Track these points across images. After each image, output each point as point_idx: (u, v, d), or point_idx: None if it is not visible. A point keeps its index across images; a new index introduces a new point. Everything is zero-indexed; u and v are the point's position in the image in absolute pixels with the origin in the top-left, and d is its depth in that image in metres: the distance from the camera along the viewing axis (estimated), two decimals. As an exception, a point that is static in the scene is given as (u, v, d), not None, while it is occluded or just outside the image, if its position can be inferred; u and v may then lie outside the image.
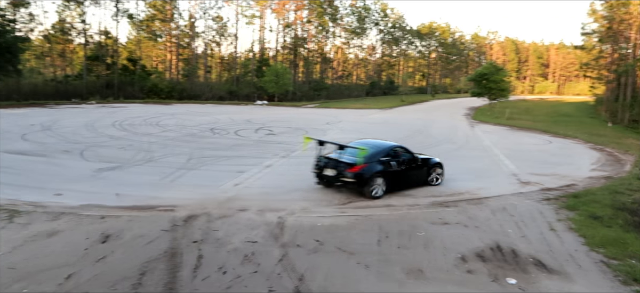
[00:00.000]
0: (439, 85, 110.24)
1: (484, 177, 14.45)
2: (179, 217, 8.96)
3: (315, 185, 12.03)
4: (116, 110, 34.96)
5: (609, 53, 55.51)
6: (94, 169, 13.48)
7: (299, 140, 21.23)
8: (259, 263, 6.91)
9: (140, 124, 26.26)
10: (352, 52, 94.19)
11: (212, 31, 69.78)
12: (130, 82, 54.22)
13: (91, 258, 6.98)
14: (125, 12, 57.38)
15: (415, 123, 32.86)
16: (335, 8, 79.97)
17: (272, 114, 37.52)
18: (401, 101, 64.93)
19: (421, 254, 7.50)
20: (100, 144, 18.29)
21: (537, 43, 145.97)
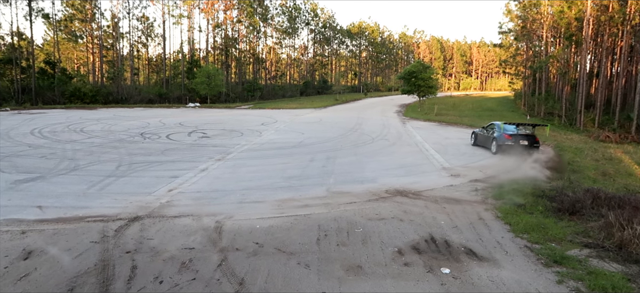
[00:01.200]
0: (370, 84, 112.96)
1: (416, 171, 14.96)
2: (109, 228, 8.52)
3: (253, 187, 11.93)
4: (35, 117, 32.73)
5: (524, 50, 59.37)
6: (12, 181, 12.52)
7: (234, 142, 20.95)
8: (198, 270, 6.73)
9: (62, 130, 24.73)
10: (284, 52, 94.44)
11: (137, 32, 67.26)
12: (49, 86, 51.01)
13: (12, 277, 6.47)
14: (40, 12, 53.94)
15: (349, 121, 33.44)
16: (265, 8, 79.73)
17: (205, 116, 36.72)
18: (335, 100, 65.81)
19: (360, 250, 7.63)
20: (17, 154, 17.03)
21: (461, 41, 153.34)
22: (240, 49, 78.02)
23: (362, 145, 20.75)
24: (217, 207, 10.19)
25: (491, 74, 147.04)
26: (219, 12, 70.61)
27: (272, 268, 6.83)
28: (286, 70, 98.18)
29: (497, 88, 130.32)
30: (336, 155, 17.78)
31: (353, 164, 16.03)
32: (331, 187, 12.29)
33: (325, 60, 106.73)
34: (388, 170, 14.96)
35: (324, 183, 12.74)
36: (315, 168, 15.02)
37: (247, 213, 9.70)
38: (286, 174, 13.98)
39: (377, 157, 17.83)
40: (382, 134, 25.38)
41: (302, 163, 16.00)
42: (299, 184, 12.64)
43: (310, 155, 17.62)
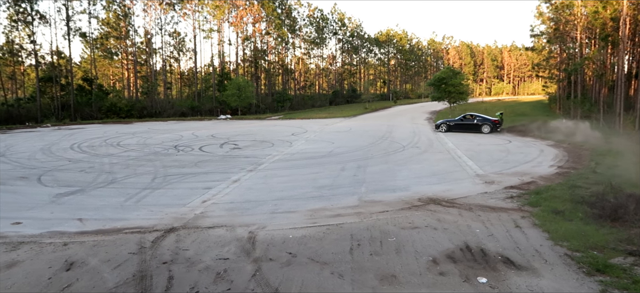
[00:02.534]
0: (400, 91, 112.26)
1: (449, 179, 14.75)
2: (146, 239, 8.73)
3: (285, 197, 12.03)
4: (74, 132, 33.86)
5: (557, 53, 57.89)
6: (54, 194, 12.99)
7: (265, 153, 21.16)
8: (232, 280, 6.81)
9: (100, 145, 25.51)
10: (313, 62, 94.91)
11: (170, 47, 68.87)
12: (87, 102, 52.76)
13: (55, 287, 6.70)
14: (78, 31, 55.86)
15: (379, 129, 33.29)
16: (293, 19, 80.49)
17: (237, 128, 37.22)
18: (364, 108, 65.69)
19: (394, 260, 7.57)
20: (58, 168, 17.65)
21: (491, 46, 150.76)
22: (270, 61, 78.90)
23: (393, 153, 20.62)
24: (250, 217, 10.30)
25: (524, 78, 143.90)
26: (247, 25, 71.67)
27: (306, 278, 6.85)
28: (315, 80, 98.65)
29: (530, 92, 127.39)
30: (367, 164, 17.73)
31: (384, 173, 15.94)
32: (363, 196, 12.25)
33: (353, 69, 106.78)
34: (420, 178, 14.81)
35: (355, 193, 12.71)
36: (346, 178, 15.00)
37: (280, 223, 9.77)
38: (317, 184, 14.01)
39: (408, 165, 17.69)
40: (413, 142, 25.16)
41: (333, 172, 16.01)
42: (330, 194, 12.65)
43: (341, 165, 17.62)
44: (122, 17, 61.42)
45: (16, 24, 50.70)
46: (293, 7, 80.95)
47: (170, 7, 64.03)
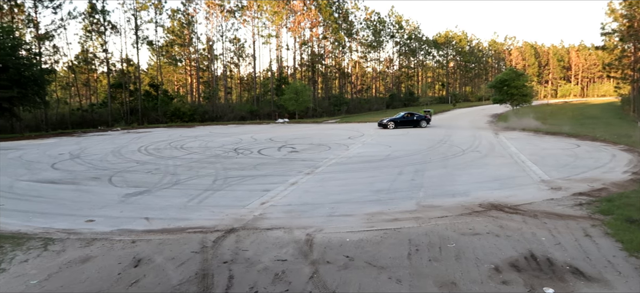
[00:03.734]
0: (459, 94, 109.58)
1: (512, 184, 14.20)
2: (208, 239, 9.02)
3: (342, 200, 12.06)
4: (141, 135, 35.59)
5: (631, 52, 54.34)
6: (123, 194, 13.72)
7: (322, 156, 21.29)
8: (290, 282, 6.89)
9: (165, 147, 26.68)
10: (369, 65, 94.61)
11: (230, 53, 70.97)
12: (153, 107, 55.33)
13: (124, 282, 7.06)
14: (145, 39, 58.84)
15: (437, 133, 32.63)
16: (350, 23, 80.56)
17: (294, 131, 37.72)
18: (422, 112, 64.61)
19: (453, 266, 7.37)
20: (127, 169, 18.63)
21: (557, 46, 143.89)
22: (326, 65, 79.45)
23: (452, 157, 20.13)
24: (307, 220, 10.39)
25: (593, 78, 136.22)
26: (305, 30, 72.60)
27: (363, 282, 6.81)
28: (372, 84, 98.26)
29: (600, 94, 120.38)
30: (425, 168, 17.42)
31: (443, 177, 15.59)
32: (421, 201, 12.04)
33: (411, 72, 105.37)
34: (481, 183, 14.35)
35: (413, 197, 12.52)
36: (403, 182, 14.81)
37: (337, 226, 9.78)
38: (374, 188, 13.92)
39: (468, 169, 17.20)
40: (473, 146, 24.45)
41: (390, 176, 15.85)
42: (387, 198, 12.53)
43: (398, 169, 17.42)
44: (185, 25, 64.02)
45: (90, 34, 54.14)
46: (350, 11, 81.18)
47: (231, 14, 66.01)
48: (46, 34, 49.37)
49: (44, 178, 17.12)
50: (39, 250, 8.65)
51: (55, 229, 10.10)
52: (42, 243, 9.01)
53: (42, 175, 17.85)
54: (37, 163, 20.95)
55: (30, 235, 9.67)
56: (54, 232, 9.84)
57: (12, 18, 47.01)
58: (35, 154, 24.65)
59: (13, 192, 14.69)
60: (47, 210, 12.14)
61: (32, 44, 46.34)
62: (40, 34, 48.66)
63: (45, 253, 8.46)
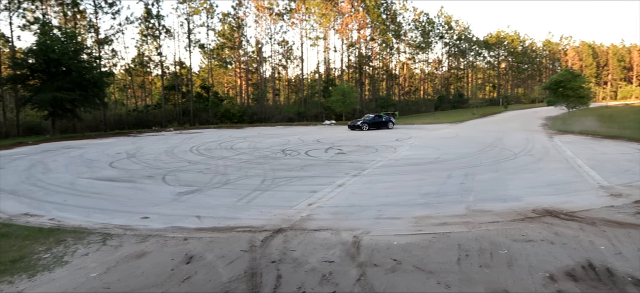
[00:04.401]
0: (511, 96, 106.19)
1: (568, 190, 13.61)
2: (256, 238, 9.18)
3: (389, 203, 11.97)
4: (193, 136, 36.66)
5: (703, 50, 50.80)
6: (175, 193, 14.19)
7: (369, 158, 21.20)
8: (337, 283, 6.90)
9: (215, 148, 27.37)
10: (417, 67, 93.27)
11: (278, 55, 71.90)
12: (204, 108, 56.89)
13: (177, 278, 7.30)
14: (197, 43, 60.59)
15: (488, 136, 31.75)
16: (398, 24, 79.80)
17: (341, 133, 37.74)
18: (472, 114, 63.07)
19: (505, 273, 7.16)
20: (180, 169, 19.25)
21: (617, 45, 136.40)
22: (374, 66, 79.05)
23: (504, 161, 19.53)
24: (354, 222, 10.38)
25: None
26: (352, 32, 72.54)
27: (411, 286, 6.73)
28: (420, 85, 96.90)
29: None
30: (475, 172, 16.99)
31: (494, 181, 15.15)
32: (471, 205, 11.76)
33: (460, 73, 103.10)
34: (534, 188, 13.85)
35: (462, 201, 12.24)
36: (452, 185, 14.51)
37: (384, 229, 9.72)
38: (422, 191, 13.72)
39: (520, 173, 16.63)
40: (526, 149, 23.61)
41: (439, 179, 15.57)
42: (436, 201, 12.32)
43: (447, 172, 17.08)
44: (235, 29, 65.47)
45: (146, 38, 56.33)
46: (398, 12, 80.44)
47: (280, 17, 66.89)
48: (105, 39, 51.82)
49: (103, 176, 17.97)
50: (98, 244, 9.10)
51: (113, 225, 10.59)
52: (101, 238, 9.47)
53: (101, 173, 18.74)
54: (96, 162, 22.01)
55: (90, 230, 10.19)
56: (111, 228, 10.32)
57: (74, 24, 49.65)
58: (95, 153, 25.91)
59: (75, 188, 15.51)
60: (105, 206, 12.73)
61: (92, 48, 48.78)
62: (100, 39, 51.15)
63: (103, 248, 8.88)
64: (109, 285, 7.12)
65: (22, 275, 7.62)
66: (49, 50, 36.80)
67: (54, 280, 7.41)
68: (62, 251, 8.74)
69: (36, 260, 8.31)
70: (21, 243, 9.29)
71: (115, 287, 7.05)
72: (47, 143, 33.58)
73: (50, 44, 37.33)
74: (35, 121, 43.76)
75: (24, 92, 40.49)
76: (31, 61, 38.08)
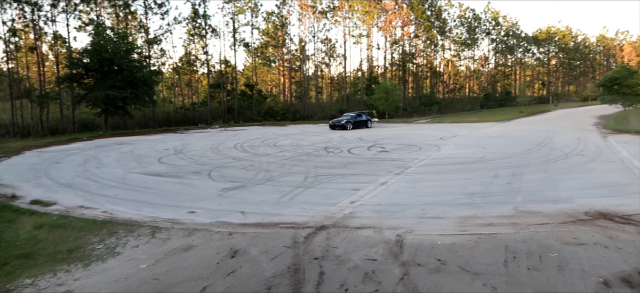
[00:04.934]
0: (561, 94, 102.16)
1: (624, 192, 12.97)
2: (299, 234, 9.26)
3: (433, 202, 11.81)
4: (237, 133, 37.35)
5: None
6: (221, 189, 14.51)
7: (412, 157, 20.96)
8: (380, 282, 6.87)
9: (259, 145, 27.78)
10: (463, 64, 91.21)
11: (321, 53, 72.09)
12: (248, 106, 57.83)
13: (222, 272, 7.47)
14: (242, 41, 61.57)
15: (536, 135, 30.68)
16: (443, 21, 78.35)
17: (383, 131, 37.47)
18: (519, 112, 61.13)
19: (555, 277, 6.91)
20: (224, 165, 19.66)
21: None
22: (417, 64, 77.96)
23: (554, 161, 18.83)
24: (397, 220, 10.29)
25: None
26: (396, 29, 71.82)
27: (456, 288, 6.61)
28: (465, 83, 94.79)
29: None
30: (523, 172, 16.47)
31: (543, 182, 14.63)
32: (518, 206, 11.41)
33: (507, 70, 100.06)
34: (586, 190, 13.28)
35: (510, 202, 11.90)
36: (499, 185, 14.13)
37: (428, 228, 9.58)
38: (467, 190, 13.43)
39: (572, 174, 15.99)
40: (578, 149, 22.66)
41: (485, 179, 15.19)
42: (481, 201, 12.03)
43: (494, 171, 16.64)
44: (279, 27, 66.14)
45: (193, 38, 57.81)
46: (443, 8, 78.97)
47: (323, 15, 67.06)
48: (155, 39, 53.56)
49: (152, 171, 18.60)
50: (148, 237, 9.43)
51: (161, 219, 10.95)
52: (150, 231, 9.81)
53: (150, 168, 19.39)
54: (145, 157, 22.81)
55: (140, 223, 10.58)
56: (160, 221, 10.68)
57: (126, 24, 51.57)
58: (144, 149, 26.84)
59: (126, 183, 16.13)
60: (154, 200, 13.18)
61: (142, 47, 50.52)
62: (149, 39, 52.91)
63: (153, 241, 9.20)
64: (157, 276, 7.37)
65: (78, 264, 8.01)
66: (102, 50, 38.40)
67: (106, 270, 7.74)
68: (114, 242, 9.12)
69: (90, 250, 8.71)
70: (77, 234, 9.76)
71: (163, 278, 7.29)
72: (100, 139, 35.09)
73: (103, 44, 38.94)
74: (89, 118, 45.79)
75: (79, 90, 42.42)
76: (86, 61, 39.86)
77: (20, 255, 8.44)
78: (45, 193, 14.47)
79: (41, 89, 44.77)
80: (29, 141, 33.33)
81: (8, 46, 41.35)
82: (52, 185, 15.98)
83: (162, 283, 7.07)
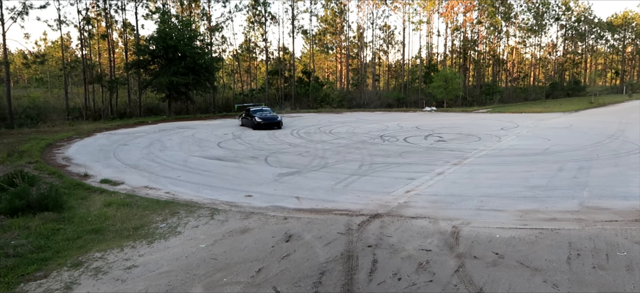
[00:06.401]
0: (637, 84, 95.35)
1: None
2: (353, 222, 9.28)
3: (492, 194, 11.45)
4: (294, 120, 37.76)
5: None
6: (276, 174, 14.78)
7: (471, 147, 20.39)
8: (434, 273, 6.77)
9: (314, 132, 27.98)
10: (528, 51, 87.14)
11: (379, 40, 71.28)
12: (305, 93, 58.24)
13: (277, 255, 7.63)
14: (300, 28, 61.90)
15: (607, 127, 28.90)
16: (508, 6, 74.95)
17: (441, 120, 36.64)
18: (589, 103, 57.75)
19: (623, 277, 6.53)
20: (281, 151, 19.97)
21: None
22: (479, 51, 75.33)
23: (626, 156, 17.68)
24: (453, 211, 10.08)
25: None
26: (458, 15, 69.61)
27: (514, 283, 6.40)
28: (529, 71, 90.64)
29: None
30: (591, 166, 15.59)
31: (613, 177, 13.80)
32: (585, 201, 10.84)
33: (577, 58, 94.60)
34: (662, 187, 12.39)
35: (575, 197, 11.32)
36: (564, 179, 13.46)
37: (486, 221, 9.31)
38: (529, 183, 12.90)
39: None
40: (654, 143, 21.14)
41: (549, 172, 14.52)
42: (544, 195, 11.53)
43: (558, 164, 15.87)
44: (338, 14, 65.93)
45: (253, 25, 58.80)
46: (509, -7, 75.50)
47: (382, 1, 66.10)
48: (216, 26, 54.93)
49: (212, 155, 19.22)
50: (207, 218, 9.78)
51: (220, 201, 11.32)
52: (209, 213, 10.17)
53: (210, 152, 20.05)
54: (206, 142, 23.59)
55: (200, 204, 10.99)
56: (219, 204, 11.04)
57: (190, 12, 53.22)
58: (205, 133, 27.75)
59: (187, 166, 16.78)
60: (213, 183, 13.63)
61: (205, 35, 51.98)
62: (211, 26, 54.34)
63: (211, 222, 9.53)
64: (216, 256, 7.64)
65: (143, 241, 8.45)
66: (167, 37, 39.88)
67: (168, 248, 8.12)
68: (176, 222, 9.54)
69: (154, 228, 9.16)
70: (142, 213, 10.29)
71: (221, 258, 7.55)
72: (164, 123, 36.61)
73: (168, 31, 40.42)
74: (154, 103, 47.83)
75: (146, 76, 44.37)
76: (152, 47, 41.57)
77: (91, 230, 9.01)
78: (113, 173, 15.33)
79: (111, 74, 47.23)
80: (100, 124, 35.35)
81: (82, 34, 43.84)
82: (120, 166, 16.90)
83: (220, 263, 7.33)
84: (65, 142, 24.36)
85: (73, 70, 46.33)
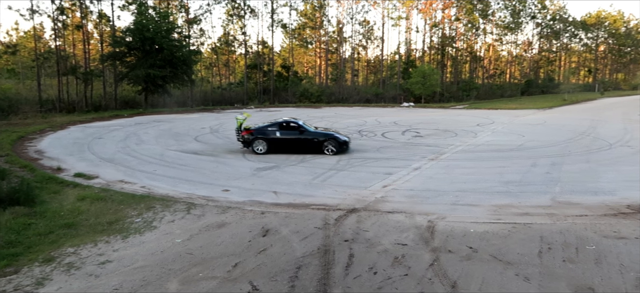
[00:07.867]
0: (609, 82, 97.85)
1: (670, 186, 12.41)
2: (330, 216, 9.31)
3: (467, 189, 11.63)
4: (272, 114, 37.60)
5: None
6: (254, 168, 14.71)
7: (447, 143, 20.63)
8: (410, 267, 6.85)
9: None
10: (505, 48, 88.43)
11: (358, 35, 71.44)
12: (284, 87, 58.06)
13: (254, 249, 7.61)
14: (280, 22, 61.61)
15: (580, 124, 29.60)
16: (486, 3, 75.83)
17: (419, 116, 36.98)
18: (563, 100, 59.00)
19: (591, 270, 6.72)
20: (259, 145, 19.84)
21: None
22: (457, 48, 76.17)
23: (596, 152, 18.16)
24: (429, 206, 10.20)
25: None
26: (437, 12, 70.23)
27: (487, 276, 6.52)
28: (506, 68, 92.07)
29: None
30: (563, 161, 15.97)
31: (584, 172, 14.16)
32: (557, 196, 11.10)
33: (552, 56, 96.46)
34: (631, 182, 12.77)
35: (548, 192, 11.59)
36: (537, 175, 13.76)
37: (461, 215, 9.46)
38: (504, 179, 13.14)
39: (616, 166, 15.39)
40: (624, 140, 21.74)
41: (522, 168, 14.82)
42: (518, 190, 11.76)
43: (532, 160, 16.20)
44: (317, 8, 65.79)
45: (232, 18, 58.27)
46: (486, -10, 76.45)
47: (362, -4, 66.21)
48: (195, 18, 54.25)
49: (189, 149, 19.01)
50: (183, 213, 9.69)
51: (197, 195, 11.22)
52: (185, 207, 10.08)
53: (187, 146, 19.83)
54: (183, 135, 23.32)
55: (176, 199, 10.88)
56: (195, 198, 10.95)
57: (167, 4, 52.39)
58: (182, 127, 27.43)
59: (164, 160, 16.57)
60: (190, 177, 13.50)
61: (183, 27, 51.27)
62: (189, 19, 53.65)
63: (188, 216, 9.45)
64: (192, 251, 7.58)
65: (117, 236, 8.32)
66: (144, 29, 39.19)
67: (144, 242, 8.02)
68: (152, 217, 9.42)
69: (129, 223, 9.04)
70: (117, 207, 10.14)
71: (197, 253, 7.49)
72: (140, 116, 36.05)
73: (145, 23, 39.72)
74: (130, 95, 47.00)
75: (122, 68, 43.55)
76: (128, 39, 40.81)
77: (64, 225, 8.84)
78: (88, 167, 15.04)
79: (86, 66, 46.20)
80: (74, 116, 34.60)
81: (56, 24, 42.75)
82: (95, 160, 16.59)
83: (196, 258, 7.28)
84: (38, 135, 23.78)
85: (46, 61, 45.13)
